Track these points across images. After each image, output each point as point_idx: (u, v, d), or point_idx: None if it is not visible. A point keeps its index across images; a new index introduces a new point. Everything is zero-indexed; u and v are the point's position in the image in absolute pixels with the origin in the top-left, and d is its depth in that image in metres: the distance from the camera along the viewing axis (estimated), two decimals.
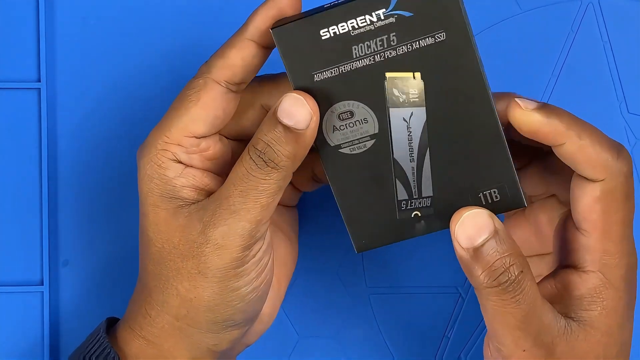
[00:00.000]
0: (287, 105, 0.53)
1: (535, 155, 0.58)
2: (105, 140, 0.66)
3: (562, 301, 0.55)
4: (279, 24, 0.54)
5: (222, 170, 0.57)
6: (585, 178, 0.54)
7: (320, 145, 0.55)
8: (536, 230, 0.59)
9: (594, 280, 0.54)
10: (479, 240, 0.53)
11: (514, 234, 0.59)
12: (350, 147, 0.55)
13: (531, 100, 0.54)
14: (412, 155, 0.55)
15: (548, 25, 0.67)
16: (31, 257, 0.65)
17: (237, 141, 0.59)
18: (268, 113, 0.54)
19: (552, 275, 0.56)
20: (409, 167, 0.55)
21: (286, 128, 0.53)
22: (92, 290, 0.66)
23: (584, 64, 0.67)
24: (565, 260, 0.56)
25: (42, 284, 0.65)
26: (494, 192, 0.55)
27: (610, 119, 0.66)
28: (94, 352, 0.57)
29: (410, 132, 0.55)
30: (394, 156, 0.55)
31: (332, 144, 0.55)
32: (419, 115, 0.55)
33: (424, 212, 0.56)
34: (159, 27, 0.66)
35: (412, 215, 0.56)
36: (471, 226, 0.53)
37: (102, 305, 0.66)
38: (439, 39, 0.53)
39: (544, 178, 0.58)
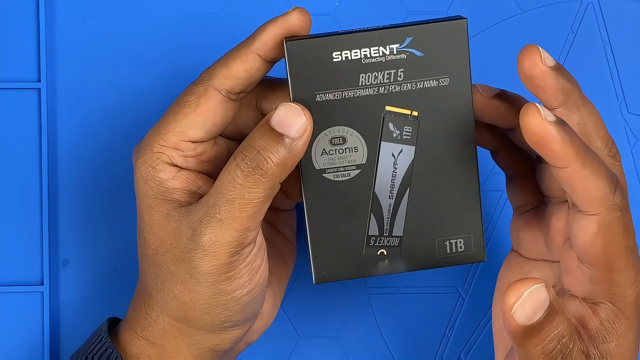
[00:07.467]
0: (282, 114, 0.53)
1: None
2: (105, 140, 0.66)
3: (580, 337, 0.53)
4: (293, 39, 0.54)
5: (217, 170, 0.57)
6: (580, 211, 0.52)
7: (304, 166, 0.55)
8: (546, 236, 0.57)
9: (606, 311, 0.53)
10: (536, 318, 0.50)
11: (524, 233, 0.58)
12: (335, 173, 0.55)
13: (549, 111, 0.51)
14: (392, 192, 0.56)
15: (548, 25, 0.67)
16: (31, 257, 0.65)
17: (233, 140, 0.59)
18: (261, 121, 0.54)
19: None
20: (386, 203, 0.56)
21: (279, 135, 0.53)
22: (92, 290, 0.66)
23: (584, 64, 0.67)
24: (574, 290, 0.54)
25: (42, 284, 0.65)
26: (460, 241, 0.56)
27: (610, 119, 0.66)
28: (97, 352, 0.57)
29: (396, 168, 0.56)
30: (375, 190, 0.56)
31: (317, 167, 0.55)
32: (408, 154, 0.55)
33: (390, 252, 0.56)
34: (159, 27, 0.66)
35: (378, 253, 0.56)
36: (531, 306, 0.49)
37: (102, 305, 0.66)
38: (442, 84, 0.55)
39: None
